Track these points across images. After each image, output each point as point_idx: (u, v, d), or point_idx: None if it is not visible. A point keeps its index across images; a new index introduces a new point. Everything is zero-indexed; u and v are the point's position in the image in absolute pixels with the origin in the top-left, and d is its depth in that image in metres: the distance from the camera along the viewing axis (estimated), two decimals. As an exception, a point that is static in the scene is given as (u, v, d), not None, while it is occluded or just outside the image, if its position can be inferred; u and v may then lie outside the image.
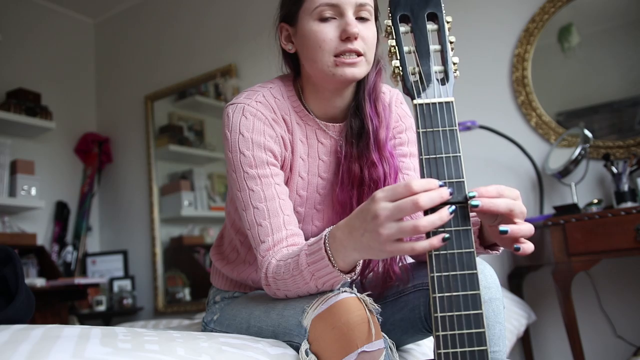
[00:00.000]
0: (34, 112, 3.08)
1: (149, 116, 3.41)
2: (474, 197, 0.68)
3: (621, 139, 2.14)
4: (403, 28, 0.74)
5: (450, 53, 0.73)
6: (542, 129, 2.28)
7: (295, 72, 1.10)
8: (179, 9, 3.41)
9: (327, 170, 1.08)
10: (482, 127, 2.28)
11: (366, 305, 0.84)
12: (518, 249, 0.72)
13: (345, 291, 0.86)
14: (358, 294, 0.86)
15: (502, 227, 0.70)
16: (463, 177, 0.69)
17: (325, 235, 0.83)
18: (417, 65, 0.73)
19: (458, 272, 0.67)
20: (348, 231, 0.77)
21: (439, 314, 0.66)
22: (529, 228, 0.72)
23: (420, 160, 0.69)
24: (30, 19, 3.38)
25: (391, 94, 1.14)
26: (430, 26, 0.74)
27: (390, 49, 0.74)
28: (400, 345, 1.09)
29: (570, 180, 2.12)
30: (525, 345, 2.20)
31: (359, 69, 0.98)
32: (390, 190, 0.70)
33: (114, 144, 3.59)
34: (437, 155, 0.69)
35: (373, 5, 1.01)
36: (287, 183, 1.05)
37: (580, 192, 2.15)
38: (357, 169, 1.03)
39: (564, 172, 2.09)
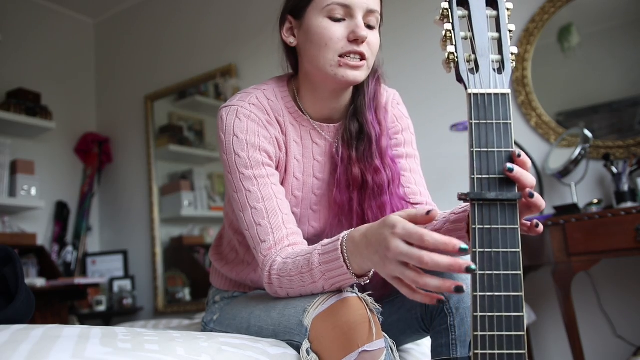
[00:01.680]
0: (34, 112, 3.08)
1: (149, 116, 3.41)
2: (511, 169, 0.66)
3: (621, 139, 2.14)
4: (460, 12, 0.71)
5: (508, 42, 0.70)
6: (542, 129, 2.28)
7: (295, 69, 1.09)
8: (179, 9, 3.41)
9: (322, 171, 1.08)
10: (482, 127, 2.28)
11: (367, 304, 0.84)
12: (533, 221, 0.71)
13: (346, 290, 0.86)
14: (359, 294, 0.86)
15: (509, 165, 0.66)
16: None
17: (343, 237, 0.83)
18: (473, 53, 0.69)
19: (502, 272, 0.64)
20: (366, 242, 0.77)
21: (479, 314, 0.64)
22: (539, 199, 0.71)
23: (471, 153, 0.66)
24: (30, 19, 3.38)
25: (388, 95, 1.14)
26: (489, 12, 0.71)
27: (445, 33, 0.70)
28: (398, 345, 1.09)
29: (570, 180, 2.12)
30: (525, 345, 2.20)
31: (361, 73, 0.99)
32: (408, 233, 0.69)
33: (114, 144, 3.59)
34: (489, 149, 0.66)
35: (380, 15, 1.02)
36: (282, 184, 1.05)
37: (580, 192, 2.15)
38: (357, 172, 1.03)
39: (564, 172, 2.09)
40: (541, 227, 0.73)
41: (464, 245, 0.65)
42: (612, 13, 2.25)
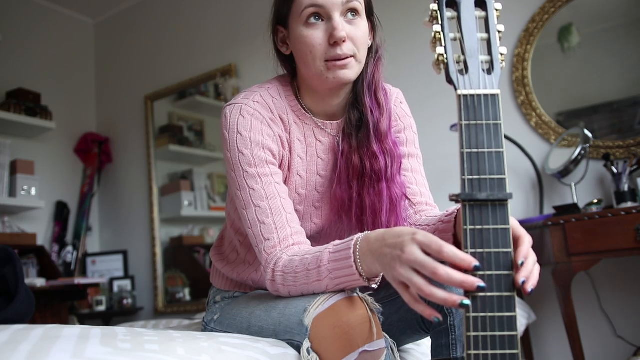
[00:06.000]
0: (34, 112, 3.08)
1: (149, 116, 3.41)
2: (524, 283, 0.66)
3: (621, 139, 2.14)
4: (449, 13, 0.71)
5: (497, 42, 0.70)
6: (542, 129, 2.28)
7: (292, 73, 1.10)
8: (178, 9, 3.41)
9: (325, 169, 1.08)
10: (482, 127, 2.28)
11: (367, 304, 0.84)
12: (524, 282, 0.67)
13: (347, 290, 0.86)
14: (360, 294, 0.86)
15: (521, 279, 0.66)
16: (505, 174, 0.66)
17: (357, 238, 0.83)
18: (462, 54, 0.69)
19: (494, 272, 0.65)
20: (381, 243, 0.77)
21: (472, 314, 0.64)
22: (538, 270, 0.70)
23: (461, 154, 0.66)
24: (30, 19, 3.38)
25: (391, 93, 1.14)
26: (478, 13, 0.71)
27: (434, 35, 0.70)
28: (399, 345, 1.09)
29: (570, 180, 2.12)
30: (525, 345, 2.20)
31: (351, 71, 0.98)
32: (428, 241, 0.69)
33: (114, 144, 3.59)
34: (479, 150, 0.66)
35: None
36: (285, 182, 1.05)
37: (580, 192, 2.15)
38: (357, 160, 1.03)
39: (564, 172, 2.09)
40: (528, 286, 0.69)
41: (477, 264, 0.65)
42: (612, 13, 2.25)
